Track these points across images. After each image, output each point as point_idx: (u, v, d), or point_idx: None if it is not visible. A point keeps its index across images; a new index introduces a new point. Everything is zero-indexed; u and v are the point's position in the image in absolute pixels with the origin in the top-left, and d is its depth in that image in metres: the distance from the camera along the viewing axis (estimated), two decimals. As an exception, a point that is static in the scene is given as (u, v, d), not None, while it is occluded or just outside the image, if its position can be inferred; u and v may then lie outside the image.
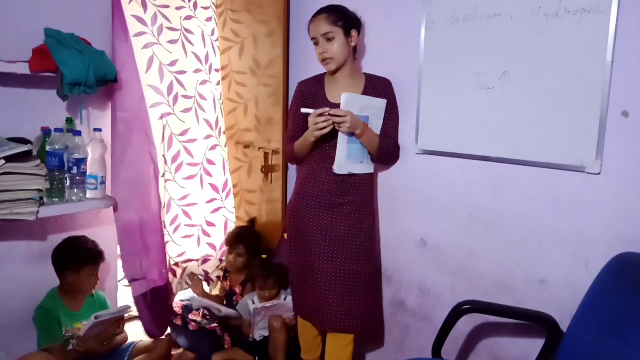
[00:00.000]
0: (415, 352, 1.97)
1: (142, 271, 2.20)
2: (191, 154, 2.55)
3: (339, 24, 1.77)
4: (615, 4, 1.33)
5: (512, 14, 1.55)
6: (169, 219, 2.50)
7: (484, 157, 1.67)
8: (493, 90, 1.61)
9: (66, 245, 2.00)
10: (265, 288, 2.24)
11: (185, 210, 2.56)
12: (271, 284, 2.24)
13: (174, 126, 2.45)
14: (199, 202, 2.61)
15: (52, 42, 1.85)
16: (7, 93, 1.87)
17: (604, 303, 1.29)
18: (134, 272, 2.18)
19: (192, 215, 2.59)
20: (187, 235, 2.58)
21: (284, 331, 2.14)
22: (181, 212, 2.55)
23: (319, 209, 1.86)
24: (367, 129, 1.79)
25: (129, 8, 2.19)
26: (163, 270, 2.29)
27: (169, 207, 2.50)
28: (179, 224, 2.55)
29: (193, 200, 2.59)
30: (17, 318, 1.96)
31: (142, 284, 2.20)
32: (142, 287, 2.20)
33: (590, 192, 1.42)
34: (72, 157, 1.88)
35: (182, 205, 2.55)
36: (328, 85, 1.90)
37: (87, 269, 1.97)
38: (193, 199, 2.58)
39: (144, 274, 2.21)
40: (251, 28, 2.50)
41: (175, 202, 2.52)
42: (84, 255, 1.97)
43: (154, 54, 2.32)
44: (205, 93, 2.59)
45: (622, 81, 1.34)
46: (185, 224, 2.58)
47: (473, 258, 1.74)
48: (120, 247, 2.19)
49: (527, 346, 1.59)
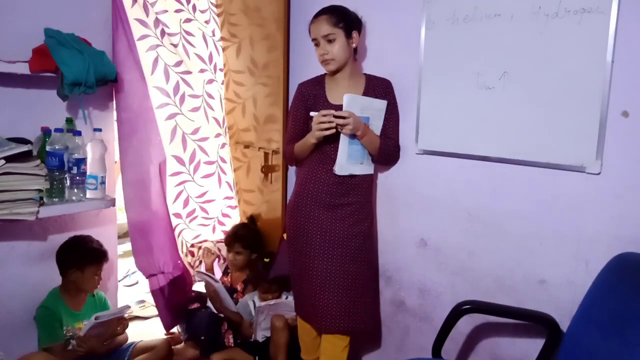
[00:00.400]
0: (415, 352, 1.97)
1: (159, 266, 2.28)
2: (206, 152, 2.59)
3: (339, 25, 1.77)
4: (615, 4, 1.33)
5: (512, 14, 1.55)
6: (185, 213, 2.59)
7: (484, 157, 1.67)
8: (493, 90, 1.61)
9: (71, 244, 2.00)
10: (268, 292, 2.25)
11: (202, 207, 2.65)
12: (274, 289, 2.24)
13: (184, 126, 2.48)
14: (216, 198, 2.69)
15: (52, 42, 1.85)
16: (7, 93, 1.87)
17: (604, 303, 1.29)
18: (150, 268, 2.26)
19: (209, 211, 2.68)
20: (203, 224, 2.68)
21: (286, 331, 2.14)
22: (198, 208, 2.63)
23: (318, 209, 1.85)
24: (368, 130, 1.79)
25: (132, 12, 2.20)
26: (178, 261, 2.36)
27: (187, 203, 2.57)
28: (196, 216, 2.64)
29: (210, 197, 2.66)
30: (17, 318, 1.96)
31: (160, 278, 2.28)
32: (160, 281, 2.28)
33: (590, 192, 1.42)
34: (72, 157, 1.88)
35: (200, 202, 2.63)
36: (328, 86, 1.90)
37: (91, 268, 1.97)
38: (210, 195, 2.66)
39: (162, 269, 2.29)
40: (248, 30, 2.50)
41: (193, 199, 2.59)
42: (89, 253, 1.98)
43: (159, 56, 2.33)
44: (212, 92, 2.61)
45: (622, 81, 1.34)
46: (202, 216, 2.67)
47: (473, 258, 1.74)
48: (132, 245, 2.23)
49: (527, 346, 1.59)
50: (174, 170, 2.46)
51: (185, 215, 2.59)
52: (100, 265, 2.02)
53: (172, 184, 2.49)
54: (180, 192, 2.56)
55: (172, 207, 2.50)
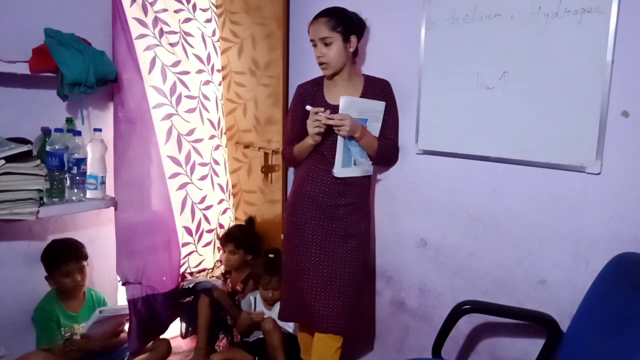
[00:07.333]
0: (415, 352, 1.97)
1: (138, 275, 2.13)
2: (200, 154, 2.57)
3: (337, 29, 1.76)
4: (615, 4, 1.33)
5: (512, 14, 1.55)
6: (194, 227, 2.55)
7: (484, 157, 1.67)
8: (493, 90, 1.61)
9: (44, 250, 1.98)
10: (268, 287, 2.24)
11: (205, 215, 2.62)
12: (275, 283, 2.23)
13: (179, 126, 2.47)
14: (213, 203, 2.66)
15: (52, 42, 1.85)
16: (7, 93, 1.87)
17: (604, 303, 1.29)
18: (128, 275, 2.11)
19: (210, 219, 2.65)
20: (207, 242, 2.65)
21: (278, 331, 2.14)
22: (202, 218, 2.60)
23: (315, 210, 1.85)
24: (366, 131, 1.79)
25: (130, 11, 2.19)
26: (164, 278, 2.21)
27: (193, 213, 2.54)
28: (202, 230, 2.60)
29: (209, 202, 2.63)
30: (17, 318, 1.96)
31: (135, 288, 2.11)
32: (135, 291, 2.11)
33: (590, 192, 1.42)
34: (72, 157, 1.88)
35: (202, 208, 2.59)
36: (327, 87, 1.90)
37: (57, 271, 1.94)
38: (209, 200, 2.63)
39: (139, 278, 2.13)
40: (250, 29, 2.50)
41: (197, 206, 2.56)
42: (47, 259, 1.96)
43: (156, 55, 2.33)
44: (208, 93, 2.60)
45: (622, 81, 1.34)
46: (207, 229, 2.63)
47: (473, 258, 1.74)
48: (117, 247, 2.12)
49: (527, 346, 1.59)
50: (172, 172, 2.44)
51: (195, 229, 2.54)
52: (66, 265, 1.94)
53: (174, 188, 2.43)
54: (185, 199, 2.50)
55: (180, 218, 2.46)
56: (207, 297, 2.31)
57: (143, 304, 2.12)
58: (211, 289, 2.35)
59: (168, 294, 2.23)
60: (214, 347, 2.27)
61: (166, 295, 2.22)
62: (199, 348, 2.26)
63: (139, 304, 2.10)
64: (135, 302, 2.09)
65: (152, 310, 2.16)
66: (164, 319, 2.25)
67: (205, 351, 2.26)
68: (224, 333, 2.30)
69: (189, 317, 2.38)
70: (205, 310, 2.29)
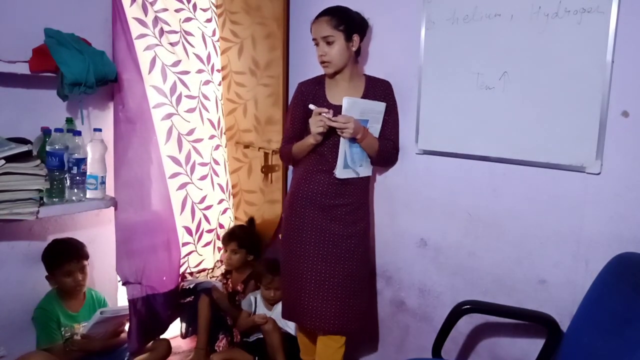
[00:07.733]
0: (415, 352, 1.97)
1: (138, 275, 2.12)
2: (200, 153, 2.57)
3: (340, 28, 1.76)
4: (615, 4, 1.33)
5: (512, 14, 1.55)
6: (194, 226, 2.54)
7: (484, 157, 1.67)
8: (493, 90, 1.61)
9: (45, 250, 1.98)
10: (270, 286, 2.23)
11: (205, 215, 2.61)
12: (277, 283, 2.22)
13: (180, 126, 2.47)
14: (213, 203, 2.65)
15: (52, 42, 1.85)
16: (7, 93, 1.87)
17: (604, 303, 1.29)
18: (128, 275, 2.11)
19: (210, 219, 2.64)
20: (207, 242, 2.63)
21: (277, 332, 2.14)
22: (203, 218, 2.59)
23: (313, 210, 1.85)
24: (367, 132, 1.79)
25: (130, 11, 2.19)
26: (164, 278, 2.21)
27: (193, 213, 2.53)
28: (202, 230, 2.59)
29: (209, 202, 2.62)
30: (17, 318, 1.96)
31: (135, 288, 2.11)
32: (135, 291, 2.10)
33: (590, 192, 1.43)
34: (72, 157, 1.88)
35: (202, 208, 2.58)
36: (328, 86, 1.90)
37: (59, 271, 1.94)
38: (209, 200, 2.62)
39: (139, 278, 2.12)
40: (250, 29, 2.50)
41: (197, 205, 2.55)
42: (48, 258, 1.96)
43: (156, 55, 2.32)
44: (208, 93, 2.60)
45: (622, 81, 1.34)
46: (207, 229, 2.62)
47: (473, 258, 1.74)
48: (117, 247, 2.11)
49: (527, 346, 1.59)
50: (172, 172, 2.44)
51: (195, 229, 2.54)
52: (67, 265, 1.93)
53: (174, 188, 2.43)
54: (185, 199, 2.50)
55: (180, 218, 2.45)
56: (208, 297, 2.31)
57: (143, 304, 2.12)
58: (211, 289, 2.35)
59: (168, 294, 2.22)
60: (214, 347, 2.27)
61: (166, 295, 2.21)
62: (199, 348, 2.26)
63: (139, 304, 2.10)
64: (135, 302, 2.09)
65: (152, 310, 2.16)
66: (164, 319, 2.24)
67: (205, 351, 2.26)
68: (224, 333, 2.31)
69: (189, 317, 2.38)
70: (206, 311, 2.29)
